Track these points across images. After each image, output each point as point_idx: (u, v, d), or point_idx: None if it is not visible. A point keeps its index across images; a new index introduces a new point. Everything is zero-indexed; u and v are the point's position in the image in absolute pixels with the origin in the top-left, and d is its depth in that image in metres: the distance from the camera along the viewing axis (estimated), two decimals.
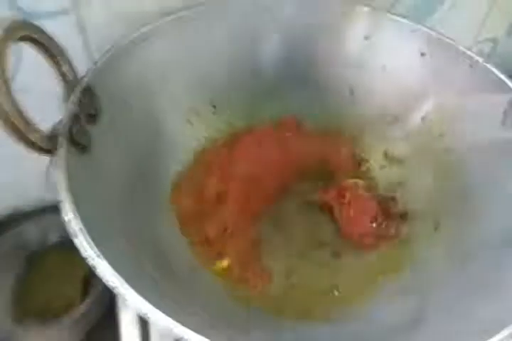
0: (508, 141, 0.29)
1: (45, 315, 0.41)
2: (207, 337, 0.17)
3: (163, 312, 0.18)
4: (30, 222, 0.44)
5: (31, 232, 0.44)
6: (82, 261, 0.41)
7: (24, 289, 0.43)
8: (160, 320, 0.17)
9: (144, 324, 0.34)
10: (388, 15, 0.35)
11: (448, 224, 0.30)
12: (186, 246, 0.29)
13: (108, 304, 0.41)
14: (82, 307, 0.40)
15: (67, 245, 0.42)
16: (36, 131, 0.22)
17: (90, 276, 0.43)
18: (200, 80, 0.35)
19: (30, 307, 0.42)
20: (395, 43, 0.35)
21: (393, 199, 0.34)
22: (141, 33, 0.32)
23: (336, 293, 0.29)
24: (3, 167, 0.41)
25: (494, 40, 0.52)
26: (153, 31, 0.32)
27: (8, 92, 0.21)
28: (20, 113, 0.21)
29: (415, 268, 0.29)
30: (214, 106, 0.37)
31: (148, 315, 0.18)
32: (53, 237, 0.45)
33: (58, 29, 0.31)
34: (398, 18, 0.35)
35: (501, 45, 0.53)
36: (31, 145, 0.22)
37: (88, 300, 0.40)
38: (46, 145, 0.23)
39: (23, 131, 0.21)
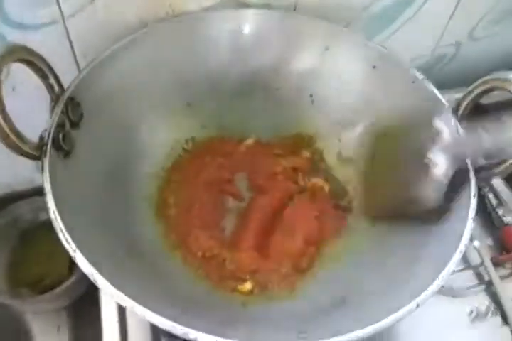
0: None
1: (37, 286, 0.47)
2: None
3: (130, 296, 0.23)
4: (23, 201, 0.49)
5: (24, 211, 0.49)
6: None
7: (18, 263, 0.49)
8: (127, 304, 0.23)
9: None
10: (345, 30, 0.39)
11: (383, 222, 0.36)
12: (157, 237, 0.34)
13: None
14: (70, 280, 0.45)
15: None
16: (27, 142, 0.27)
17: None
18: (175, 84, 0.39)
19: (23, 279, 0.48)
20: (350, 56, 0.40)
21: (345, 191, 0.40)
22: (120, 44, 0.35)
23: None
24: None
25: (457, 44, 0.56)
26: (132, 42, 0.36)
27: (3, 111, 0.25)
28: (14, 129, 0.25)
29: (349, 259, 0.35)
30: (188, 108, 0.41)
31: (117, 300, 0.23)
32: (44, 216, 0.49)
33: (47, 39, 0.36)
34: (353, 33, 0.39)
35: (464, 49, 0.57)
36: (23, 154, 0.27)
37: (75, 274, 0.45)
38: (36, 153, 0.27)
39: (17, 144, 0.26)
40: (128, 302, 0.23)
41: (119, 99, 0.36)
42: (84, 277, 0.45)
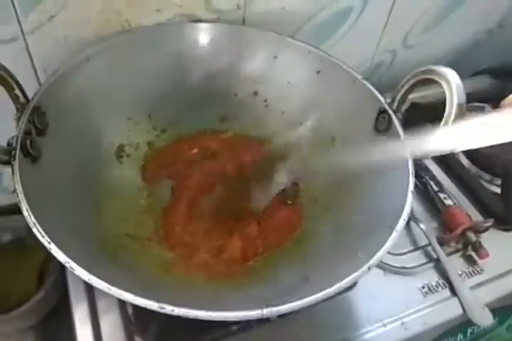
0: (378, 143, 0.38)
1: (6, 304, 0.47)
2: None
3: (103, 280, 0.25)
4: None
5: None
6: (37, 254, 0.47)
7: None
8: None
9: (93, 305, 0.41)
10: (290, 39, 0.43)
11: (335, 207, 0.39)
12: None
13: (62, 290, 0.46)
14: (38, 295, 0.45)
15: (20, 243, 0.47)
16: None
17: (44, 268, 0.48)
18: (134, 95, 0.42)
19: None
20: (296, 62, 0.43)
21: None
22: (81, 56, 0.38)
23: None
24: None
25: (393, 51, 0.61)
26: (93, 54, 0.38)
27: None
28: None
29: (310, 240, 0.38)
30: (149, 116, 0.44)
31: (91, 281, 0.25)
32: (6, 237, 0.50)
33: (8, 54, 0.37)
34: (298, 42, 0.43)
35: (399, 56, 0.62)
36: None
37: (42, 291, 0.46)
38: (4, 158, 0.29)
39: None
40: (108, 288, 0.25)
41: (81, 108, 0.38)
42: (50, 293, 0.46)
